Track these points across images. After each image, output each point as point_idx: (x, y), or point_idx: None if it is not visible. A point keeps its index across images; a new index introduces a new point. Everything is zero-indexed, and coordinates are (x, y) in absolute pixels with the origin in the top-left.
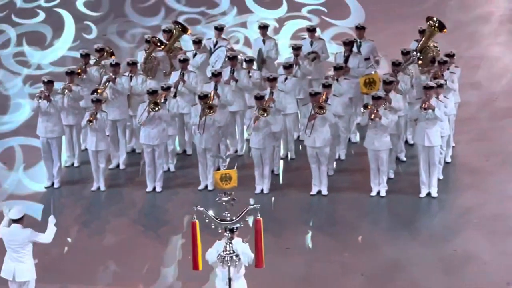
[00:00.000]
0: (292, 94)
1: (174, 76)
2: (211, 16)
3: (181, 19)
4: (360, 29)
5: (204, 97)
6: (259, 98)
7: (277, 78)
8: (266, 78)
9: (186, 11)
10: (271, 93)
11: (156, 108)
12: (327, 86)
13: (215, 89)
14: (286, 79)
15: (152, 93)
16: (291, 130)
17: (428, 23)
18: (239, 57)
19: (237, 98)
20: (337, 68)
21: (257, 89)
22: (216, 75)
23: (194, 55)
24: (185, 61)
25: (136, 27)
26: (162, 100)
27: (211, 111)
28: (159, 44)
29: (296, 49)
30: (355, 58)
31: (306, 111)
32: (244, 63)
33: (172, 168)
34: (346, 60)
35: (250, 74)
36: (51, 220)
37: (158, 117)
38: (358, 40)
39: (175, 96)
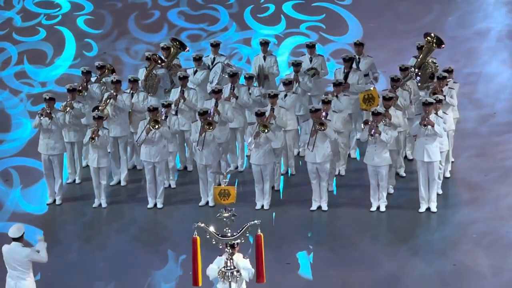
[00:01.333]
0: (292, 111)
1: (174, 93)
2: (212, 32)
3: (183, 36)
4: (358, 45)
5: (203, 114)
6: (259, 114)
7: (278, 94)
8: (267, 94)
9: (187, 27)
10: (272, 109)
11: (157, 126)
12: (326, 102)
13: (216, 105)
14: (286, 95)
15: (153, 110)
16: (291, 147)
17: (426, 39)
18: (239, 73)
19: (237, 115)
20: (336, 85)
21: (257, 106)
22: (217, 92)
23: (195, 72)
24: (184, 78)
25: (138, 43)
26: (163, 118)
27: (210, 128)
28: (159, 61)
29: (296, 65)
30: (354, 75)
31: (306, 127)
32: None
33: (172, 185)
34: (346, 76)
35: (250, 91)
36: (40, 238)
37: (159, 135)
38: (357, 57)
39: (176, 113)
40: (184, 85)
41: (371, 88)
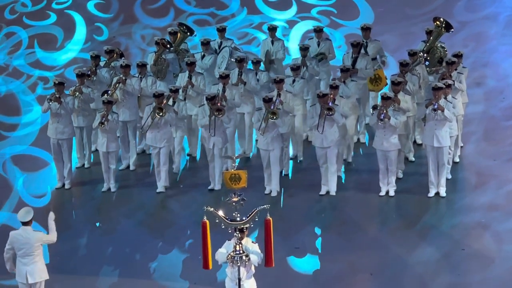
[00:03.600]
0: (300, 96)
1: (181, 78)
2: (221, 17)
3: (190, 20)
4: (365, 29)
5: (211, 99)
6: (267, 100)
7: (284, 79)
8: (273, 80)
9: (195, 12)
10: (279, 94)
11: (161, 114)
12: (334, 88)
13: (223, 91)
14: (294, 81)
15: (158, 96)
16: (299, 131)
17: (435, 23)
18: (246, 58)
19: (246, 100)
20: (344, 70)
21: (265, 91)
22: (224, 77)
23: (203, 56)
24: (192, 64)
25: (146, 28)
26: (171, 103)
27: (220, 114)
28: (168, 45)
29: (304, 49)
30: (363, 60)
31: (313, 112)
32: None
33: (175, 170)
34: (354, 61)
35: (258, 76)
36: (51, 216)
37: (164, 121)
38: (365, 41)
39: (184, 99)
40: (191, 71)
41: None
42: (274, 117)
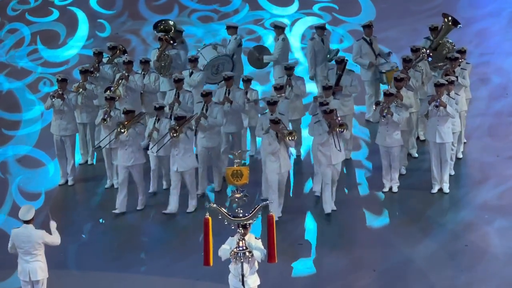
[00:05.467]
0: (285, 117)
1: (169, 96)
2: (224, 13)
3: (194, 17)
4: (368, 27)
5: (179, 119)
6: (276, 122)
7: (277, 101)
8: (267, 101)
9: (199, 9)
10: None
11: (123, 130)
12: (325, 104)
13: (206, 109)
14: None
15: (127, 112)
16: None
17: (445, 19)
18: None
19: (234, 119)
20: (326, 88)
21: (254, 109)
22: (205, 95)
23: (191, 73)
24: (179, 81)
25: (149, 25)
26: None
27: (175, 134)
28: (171, 42)
29: (289, 69)
30: (347, 76)
31: (320, 129)
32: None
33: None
34: (339, 78)
35: (248, 94)
36: (52, 224)
37: (128, 138)
38: (368, 38)
39: (170, 117)
40: (179, 88)
41: (393, 68)
42: (292, 138)
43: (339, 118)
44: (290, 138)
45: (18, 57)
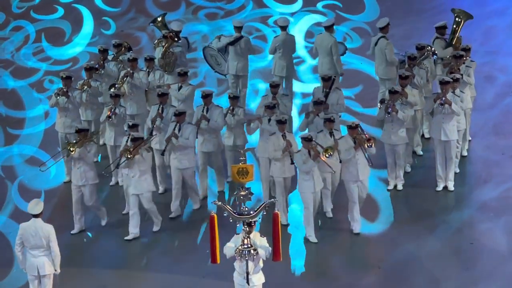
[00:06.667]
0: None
1: (153, 111)
2: (229, 10)
3: (200, 14)
4: (384, 28)
5: (134, 140)
6: (309, 139)
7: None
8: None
9: (205, 6)
10: (283, 135)
11: (72, 149)
12: (331, 121)
13: (179, 129)
14: (269, 120)
15: (79, 131)
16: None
17: (456, 15)
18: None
19: (212, 138)
20: (317, 103)
21: (239, 128)
22: (178, 115)
23: (180, 87)
24: (163, 96)
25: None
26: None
27: (129, 156)
28: (176, 39)
29: (274, 86)
30: (334, 94)
31: (346, 144)
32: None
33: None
34: (326, 96)
35: (235, 111)
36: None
37: (78, 157)
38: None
39: (151, 134)
40: (163, 102)
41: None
42: (332, 152)
43: (365, 133)
44: (326, 155)
45: (23, 55)
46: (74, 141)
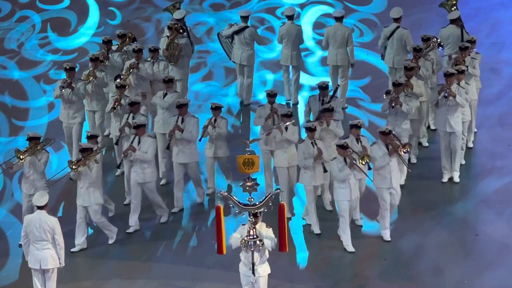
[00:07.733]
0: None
1: (124, 119)
2: (235, 1)
3: (205, 4)
4: (397, 19)
5: (83, 151)
6: (344, 147)
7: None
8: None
9: None
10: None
11: (21, 157)
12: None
13: (138, 142)
14: (286, 128)
15: (30, 139)
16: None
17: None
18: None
19: (186, 149)
20: (329, 110)
21: (222, 140)
22: (137, 127)
23: (165, 95)
24: (134, 104)
25: (161, 12)
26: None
27: (75, 167)
28: (181, 30)
29: (272, 96)
30: (333, 102)
31: (379, 151)
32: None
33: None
34: (322, 105)
35: (217, 123)
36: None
37: (28, 164)
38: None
39: (116, 143)
40: (134, 111)
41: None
42: (367, 160)
43: (400, 138)
44: (362, 162)
45: (29, 45)
46: (24, 149)
